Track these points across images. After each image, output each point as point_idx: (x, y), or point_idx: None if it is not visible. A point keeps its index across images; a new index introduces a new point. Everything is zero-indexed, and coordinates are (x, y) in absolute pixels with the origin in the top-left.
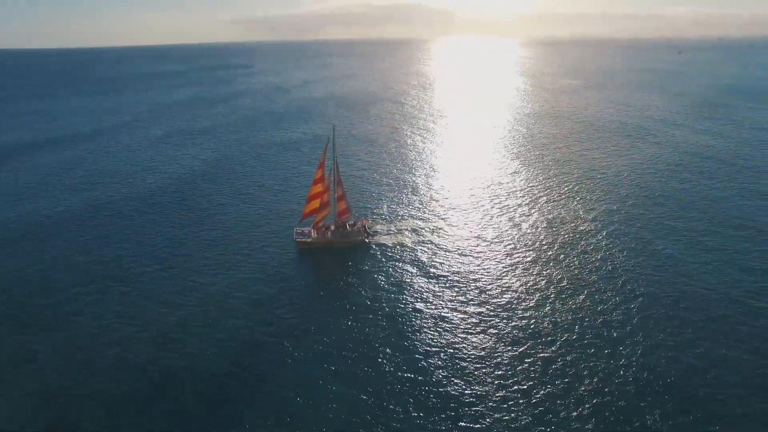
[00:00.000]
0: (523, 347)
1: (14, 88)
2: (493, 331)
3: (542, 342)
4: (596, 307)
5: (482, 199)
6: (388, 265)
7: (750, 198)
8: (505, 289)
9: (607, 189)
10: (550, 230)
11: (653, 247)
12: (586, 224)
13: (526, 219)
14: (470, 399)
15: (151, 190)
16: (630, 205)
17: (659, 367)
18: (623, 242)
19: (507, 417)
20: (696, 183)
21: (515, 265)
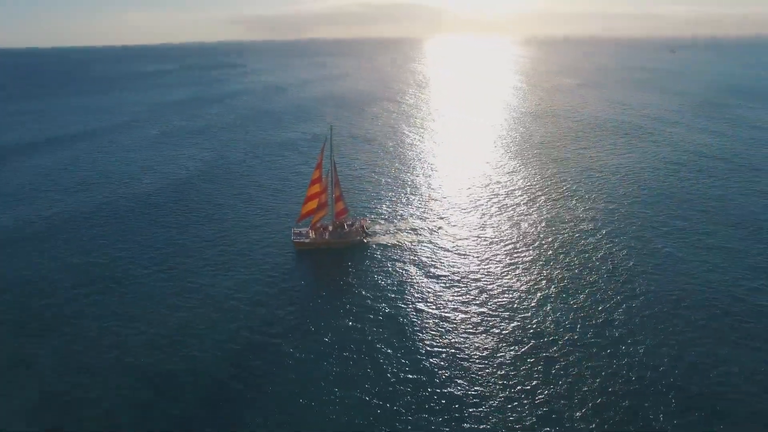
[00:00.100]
0: (526, 347)
1: (8, 87)
2: (494, 330)
3: (544, 342)
4: (597, 307)
5: (481, 198)
6: (386, 266)
7: (749, 196)
8: (505, 289)
9: (606, 187)
10: (550, 229)
11: (653, 245)
12: (585, 223)
13: (526, 218)
14: (474, 400)
15: (148, 191)
16: (629, 203)
17: (662, 367)
18: (623, 241)
19: (511, 418)
20: (694, 181)
21: (515, 265)
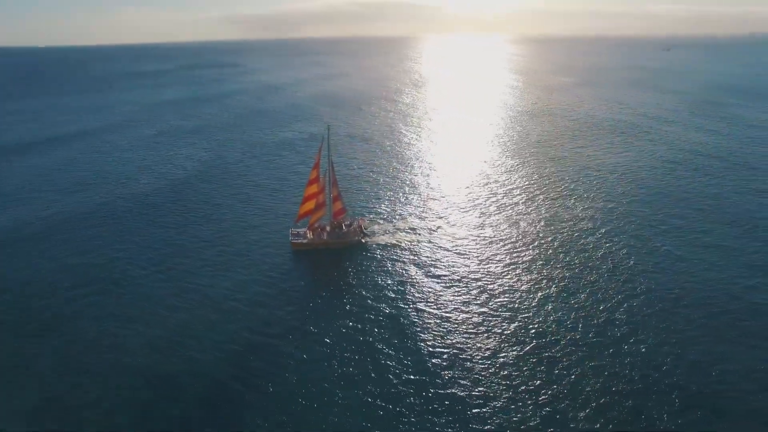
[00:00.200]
0: (528, 347)
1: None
2: (496, 330)
3: (546, 341)
4: (599, 306)
5: (479, 197)
6: (386, 266)
7: (744, 194)
8: (506, 289)
9: (604, 186)
10: (549, 228)
11: (652, 244)
12: (585, 222)
13: (525, 217)
14: (478, 401)
15: (146, 191)
16: (627, 202)
17: (664, 366)
18: (622, 240)
19: (515, 418)
20: (691, 180)
21: (515, 264)
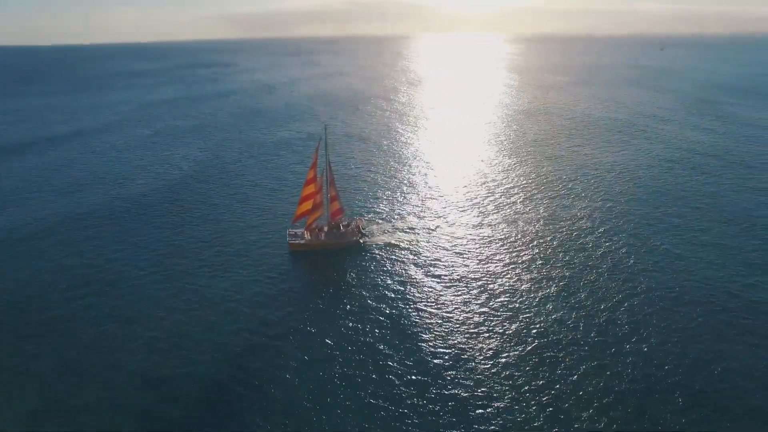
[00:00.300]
0: (529, 347)
1: None
2: (497, 330)
3: (548, 341)
4: (599, 305)
5: (477, 196)
6: (385, 266)
7: (741, 192)
8: (506, 289)
9: (602, 185)
10: (548, 227)
11: (651, 243)
12: (583, 221)
13: (523, 216)
14: (480, 401)
15: (142, 191)
16: (625, 201)
17: (666, 365)
18: (621, 239)
19: (519, 419)
20: (688, 178)
21: (515, 264)
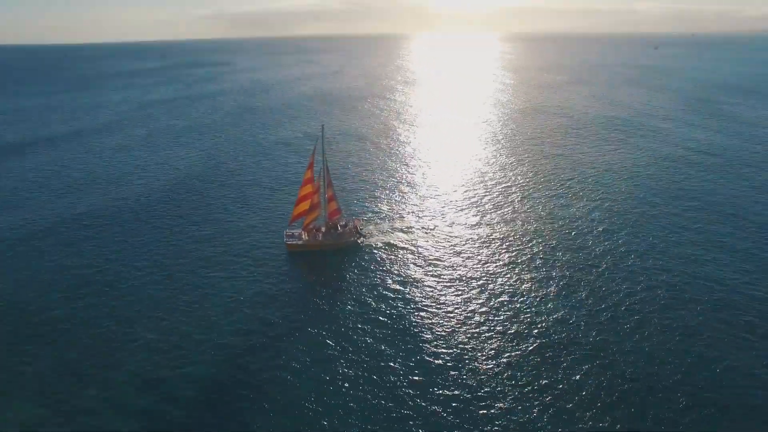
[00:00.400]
0: (531, 347)
1: None
2: (498, 329)
3: (549, 341)
4: (600, 305)
5: (475, 195)
6: (383, 266)
7: (740, 191)
8: (506, 288)
9: (599, 184)
10: (547, 227)
11: (650, 242)
12: (582, 220)
13: (522, 215)
14: (483, 402)
15: (140, 192)
16: (623, 200)
17: (668, 364)
18: (620, 237)
19: (522, 419)
20: (687, 176)
21: (514, 263)
